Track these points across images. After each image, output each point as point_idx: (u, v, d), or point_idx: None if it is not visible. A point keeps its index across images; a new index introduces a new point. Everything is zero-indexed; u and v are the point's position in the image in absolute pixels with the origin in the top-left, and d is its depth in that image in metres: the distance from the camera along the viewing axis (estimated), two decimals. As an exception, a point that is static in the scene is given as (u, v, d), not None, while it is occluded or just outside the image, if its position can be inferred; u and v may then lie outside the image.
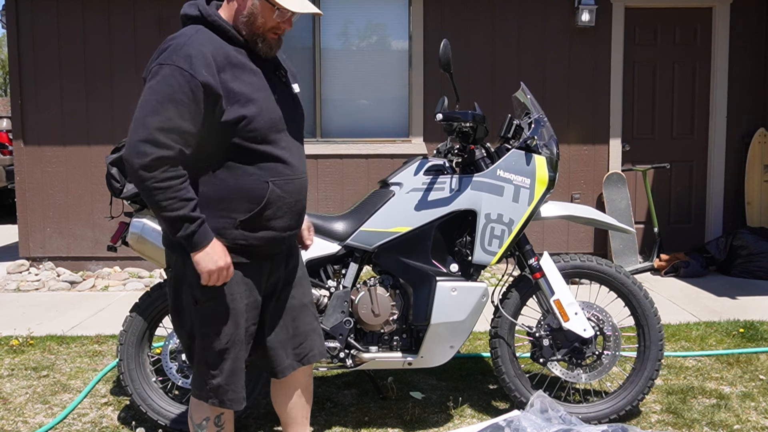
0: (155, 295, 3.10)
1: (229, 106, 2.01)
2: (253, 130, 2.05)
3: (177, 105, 1.94)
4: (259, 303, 2.25)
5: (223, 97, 2.00)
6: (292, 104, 2.22)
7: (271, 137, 2.10)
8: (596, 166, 6.58)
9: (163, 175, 1.96)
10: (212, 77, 1.98)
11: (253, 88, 2.06)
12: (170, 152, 1.96)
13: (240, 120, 2.03)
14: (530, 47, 6.49)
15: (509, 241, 3.01)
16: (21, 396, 3.60)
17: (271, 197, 2.11)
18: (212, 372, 2.20)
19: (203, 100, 1.97)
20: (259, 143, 2.08)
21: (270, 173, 2.11)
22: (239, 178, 2.08)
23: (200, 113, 1.98)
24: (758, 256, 5.98)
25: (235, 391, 2.23)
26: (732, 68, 6.62)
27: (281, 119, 2.14)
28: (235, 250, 2.13)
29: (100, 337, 4.52)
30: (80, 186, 6.47)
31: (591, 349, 3.09)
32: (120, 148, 3.01)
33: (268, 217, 2.13)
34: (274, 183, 2.11)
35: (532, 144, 3.06)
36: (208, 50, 2.00)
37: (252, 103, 2.04)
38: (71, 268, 6.45)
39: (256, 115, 2.05)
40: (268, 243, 2.18)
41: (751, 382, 3.67)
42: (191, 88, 1.95)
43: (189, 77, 1.94)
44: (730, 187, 6.69)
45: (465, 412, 3.34)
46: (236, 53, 2.08)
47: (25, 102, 6.43)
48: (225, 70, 2.02)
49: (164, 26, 6.42)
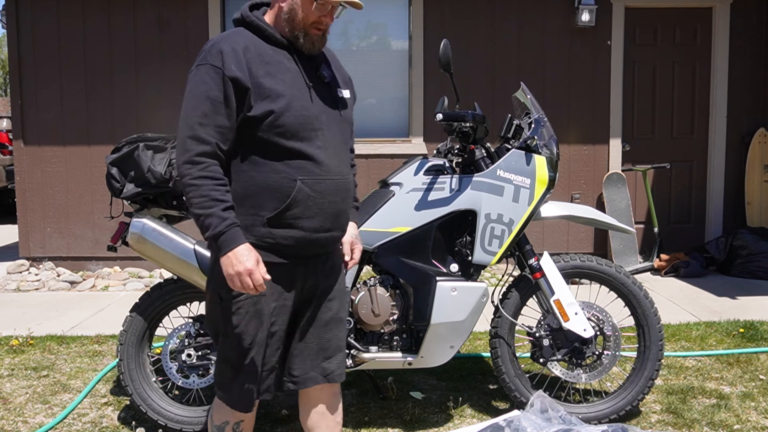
0: (155, 295, 3.10)
1: (258, 101, 2.04)
2: (281, 125, 2.05)
3: (212, 101, 2.02)
4: (289, 308, 2.19)
5: (252, 91, 2.03)
6: (332, 105, 2.19)
7: (303, 134, 2.08)
8: (596, 166, 6.58)
9: (201, 173, 2.00)
10: (241, 72, 2.02)
11: (285, 86, 2.07)
12: (209, 147, 2.02)
13: (268, 115, 2.04)
14: (530, 47, 6.49)
15: (509, 241, 3.01)
16: (21, 396, 3.60)
17: (299, 196, 2.07)
18: (232, 373, 2.16)
19: (234, 94, 2.03)
20: (287, 139, 2.06)
21: (299, 171, 2.08)
22: (267, 175, 2.08)
23: (233, 107, 2.04)
24: (758, 256, 5.98)
25: (246, 394, 2.16)
26: (732, 68, 6.62)
27: (316, 118, 2.12)
28: (264, 248, 2.11)
29: (100, 337, 4.52)
30: (80, 186, 6.47)
31: (591, 349, 3.09)
32: (120, 148, 3.02)
33: (294, 216, 2.09)
34: (302, 181, 2.08)
35: (532, 144, 3.06)
36: (240, 46, 2.06)
37: (282, 98, 2.05)
38: (71, 268, 6.45)
39: (285, 110, 2.05)
40: (297, 243, 2.13)
41: (751, 382, 3.67)
42: (223, 84, 2.02)
43: (220, 73, 2.02)
44: (730, 187, 6.69)
45: (465, 412, 3.34)
46: (272, 51, 2.12)
47: (25, 102, 6.43)
48: (257, 65, 2.06)
49: (164, 26, 6.42)
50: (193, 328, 3.06)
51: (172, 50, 6.43)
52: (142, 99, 6.44)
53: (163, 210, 3.13)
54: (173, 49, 6.43)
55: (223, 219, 2.01)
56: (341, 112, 2.22)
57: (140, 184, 2.96)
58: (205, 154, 2.02)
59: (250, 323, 2.13)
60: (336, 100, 2.21)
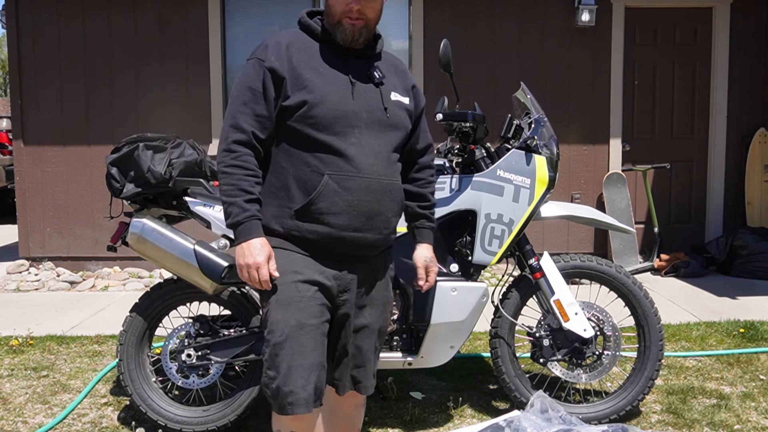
0: (155, 295, 3.10)
1: (295, 90, 2.07)
2: (314, 116, 2.06)
3: (253, 91, 2.09)
4: (325, 301, 2.13)
5: (288, 80, 2.07)
6: (377, 106, 2.16)
7: (337, 129, 2.07)
8: (596, 166, 6.58)
9: (233, 161, 2.06)
10: (279, 62, 2.08)
11: (325, 79, 2.09)
12: (244, 136, 2.08)
13: (301, 105, 2.06)
14: (530, 47, 6.49)
15: (509, 241, 3.01)
16: (21, 396, 3.60)
17: (325, 191, 2.06)
18: (269, 372, 2.09)
19: (272, 84, 2.09)
20: (319, 131, 2.06)
21: (329, 166, 2.07)
22: (298, 167, 2.09)
23: (270, 97, 2.09)
24: (758, 256, 5.98)
25: (294, 392, 2.04)
26: (732, 68, 6.62)
27: (354, 115, 2.10)
28: (291, 240, 2.12)
29: (99, 337, 4.52)
30: (80, 186, 6.47)
31: (591, 349, 3.08)
32: (120, 148, 3.01)
33: (320, 210, 2.07)
34: (330, 176, 2.06)
35: (532, 144, 3.06)
36: (285, 41, 2.13)
37: (318, 90, 2.07)
38: (71, 268, 6.45)
39: (319, 102, 2.06)
40: (322, 239, 2.09)
41: (751, 382, 3.67)
42: (262, 74, 2.09)
43: (262, 65, 2.09)
44: (730, 187, 6.69)
45: (465, 412, 3.34)
46: (320, 48, 2.16)
47: (25, 102, 6.43)
48: (299, 58, 2.10)
49: (164, 26, 6.42)
50: (193, 328, 3.06)
51: (172, 50, 6.43)
52: (142, 99, 6.44)
53: (163, 210, 3.14)
54: (173, 49, 6.43)
55: (244, 210, 2.05)
56: (388, 114, 2.17)
57: (140, 184, 2.96)
58: (240, 143, 2.07)
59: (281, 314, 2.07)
60: (382, 101, 2.17)
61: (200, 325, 3.06)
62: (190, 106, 6.46)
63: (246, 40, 6.55)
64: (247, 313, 3.05)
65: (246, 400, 3.03)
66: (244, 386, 3.05)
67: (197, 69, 6.44)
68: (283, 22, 6.58)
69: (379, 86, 2.18)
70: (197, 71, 6.44)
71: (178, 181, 3.00)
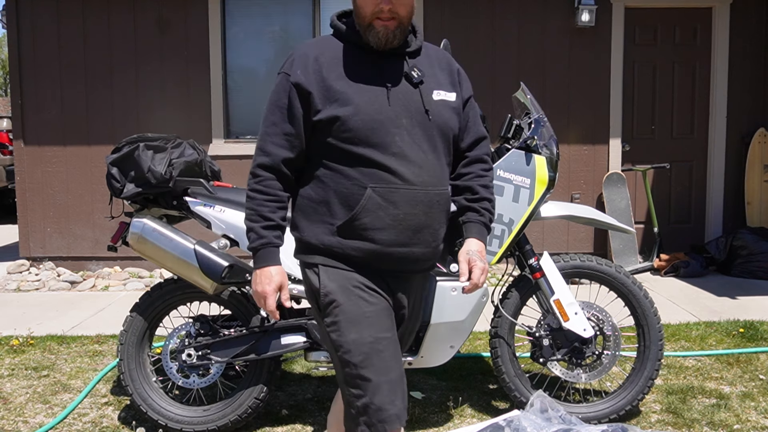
0: (155, 295, 3.10)
1: (326, 104, 1.95)
2: (348, 130, 1.93)
3: (280, 109, 2.01)
4: (391, 310, 2.02)
5: (316, 94, 1.96)
6: (418, 109, 2.00)
7: (374, 140, 1.94)
8: (596, 166, 6.58)
9: (256, 185, 2.02)
10: (305, 76, 1.97)
11: (358, 89, 1.96)
12: (268, 160, 2.01)
13: (334, 120, 1.95)
14: (530, 47, 6.49)
15: (509, 241, 3.01)
16: (21, 396, 3.60)
17: (369, 205, 1.94)
18: (353, 391, 1.94)
19: (298, 100, 1.99)
20: (356, 145, 1.94)
21: (371, 179, 1.94)
22: (338, 182, 1.97)
23: (298, 113, 2.00)
24: (758, 256, 5.99)
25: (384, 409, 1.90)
26: (732, 68, 6.62)
27: (393, 122, 1.95)
28: (335, 257, 2.00)
29: (100, 337, 4.52)
30: (80, 186, 6.47)
31: (591, 348, 3.09)
32: (120, 148, 3.02)
33: (364, 226, 1.95)
34: (374, 189, 1.93)
35: (532, 144, 3.06)
36: (313, 52, 2.01)
37: (350, 103, 1.94)
38: (71, 268, 6.45)
39: (352, 115, 1.93)
40: (367, 256, 1.97)
41: (751, 382, 3.67)
42: (289, 90, 2.00)
43: (288, 79, 2.00)
44: (730, 187, 6.69)
45: (465, 412, 3.35)
46: (352, 53, 2.01)
47: (25, 102, 6.43)
48: (329, 68, 1.98)
49: (164, 26, 6.42)
50: (193, 328, 3.06)
51: (172, 50, 6.43)
52: (142, 99, 6.45)
53: (163, 210, 3.14)
54: (173, 49, 6.43)
55: (261, 237, 2.00)
56: (430, 116, 2.01)
57: (140, 184, 2.96)
58: (264, 167, 2.01)
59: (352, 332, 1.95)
60: (422, 103, 2.01)
61: (201, 324, 3.06)
62: (190, 106, 6.46)
63: (246, 40, 6.56)
64: (247, 313, 3.05)
65: (246, 400, 3.04)
66: (245, 386, 3.05)
67: (197, 69, 6.44)
68: (283, 22, 6.58)
69: (418, 86, 2.02)
70: (197, 71, 6.44)
71: (179, 181, 3.01)
